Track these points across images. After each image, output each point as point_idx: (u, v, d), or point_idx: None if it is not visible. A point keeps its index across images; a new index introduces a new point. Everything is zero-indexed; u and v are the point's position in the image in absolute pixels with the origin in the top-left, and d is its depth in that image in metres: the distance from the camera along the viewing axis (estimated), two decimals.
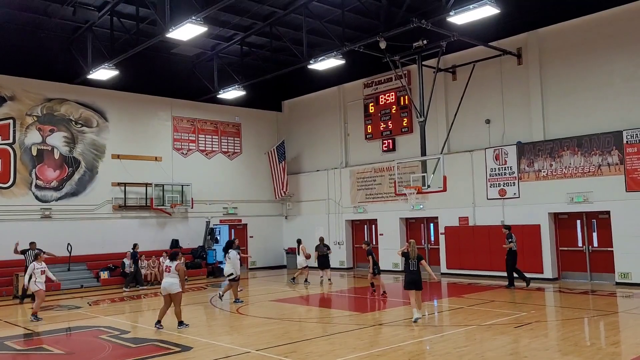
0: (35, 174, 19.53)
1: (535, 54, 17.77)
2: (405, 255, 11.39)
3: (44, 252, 15.70)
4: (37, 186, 19.53)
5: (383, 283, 15.30)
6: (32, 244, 16.31)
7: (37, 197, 19.50)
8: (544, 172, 17.29)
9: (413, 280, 11.16)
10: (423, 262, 11.35)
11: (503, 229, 16.28)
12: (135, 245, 19.58)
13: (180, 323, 11.10)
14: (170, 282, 11.01)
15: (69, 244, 19.15)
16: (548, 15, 17.45)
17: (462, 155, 19.31)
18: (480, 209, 18.82)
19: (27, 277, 12.87)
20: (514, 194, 17.96)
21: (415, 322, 10.80)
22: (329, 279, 18.51)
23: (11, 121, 19.20)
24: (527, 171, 17.69)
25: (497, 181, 18.41)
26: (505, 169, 18.22)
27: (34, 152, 19.59)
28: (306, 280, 18.50)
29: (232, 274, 14.60)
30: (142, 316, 13.92)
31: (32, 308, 13.07)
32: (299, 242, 19.26)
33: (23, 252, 16.35)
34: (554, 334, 9.89)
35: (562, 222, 17.42)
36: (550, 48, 17.53)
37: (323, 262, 18.52)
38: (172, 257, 11.26)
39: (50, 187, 19.81)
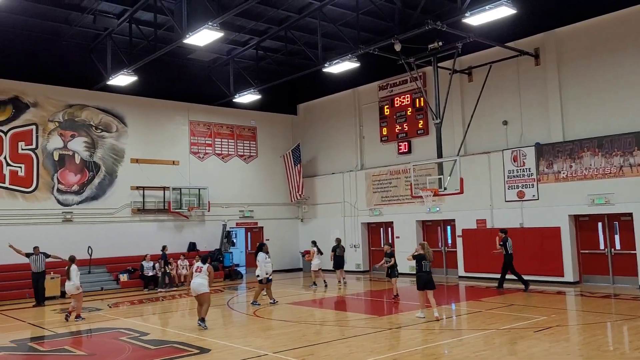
0: (57, 178, 19.87)
1: (553, 54, 17.59)
2: (420, 257, 11.74)
3: (51, 255, 16.07)
4: (58, 190, 19.86)
5: (397, 287, 15.11)
6: (36, 248, 16.56)
7: (58, 201, 19.84)
8: (563, 173, 17.09)
9: (428, 280, 11.71)
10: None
11: (500, 232, 16.17)
12: (164, 247, 20.15)
13: (202, 320, 11.45)
14: (200, 282, 11.53)
15: (89, 247, 19.45)
16: (565, 15, 17.27)
17: (479, 157, 19.18)
18: (498, 211, 18.66)
19: (77, 279, 13.32)
20: (533, 195, 17.78)
21: (419, 317, 11.62)
22: (344, 278, 18.65)
23: (34, 127, 19.58)
24: (546, 173, 17.50)
25: (516, 183, 18.25)
26: (523, 171, 18.05)
27: (56, 157, 19.93)
28: (321, 283, 18.51)
29: (258, 276, 14.74)
30: (161, 318, 14.06)
31: (71, 309, 13.34)
32: (314, 243, 19.31)
33: (28, 255, 16.45)
34: (575, 339, 9.77)
35: (583, 224, 17.18)
36: (568, 48, 17.34)
37: (338, 262, 18.62)
38: (204, 260, 11.88)
39: (71, 191, 20.13)
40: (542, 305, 13.15)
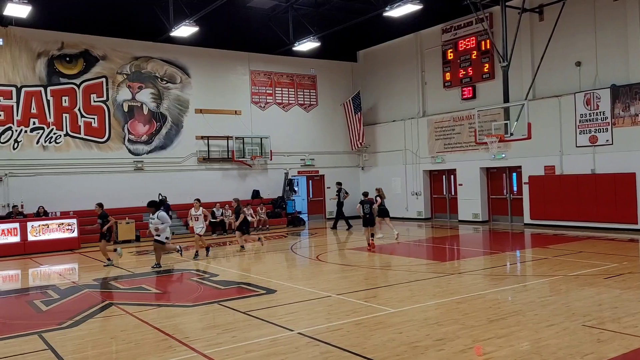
0: (128, 129, 20.74)
1: None
2: (364, 202, 15.11)
3: None
4: (129, 140, 20.77)
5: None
6: None
7: (130, 151, 20.79)
8: None
9: (369, 220, 15.01)
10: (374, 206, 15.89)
11: (336, 184, 21.22)
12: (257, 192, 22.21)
13: None
14: None
15: (160, 194, 20.35)
16: None
17: (549, 101, 18.32)
18: (568, 157, 17.92)
19: None
20: (607, 140, 16.91)
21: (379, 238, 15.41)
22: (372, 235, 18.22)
23: (104, 79, 20.36)
24: (622, 116, 16.53)
25: (588, 127, 17.37)
26: (597, 114, 17.13)
27: (125, 109, 20.75)
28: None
29: (167, 238, 13.55)
30: (229, 261, 14.69)
31: None
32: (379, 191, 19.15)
33: None
34: None
35: None
36: None
37: (382, 211, 18.29)
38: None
39: (141, 141, 21.00)
40: (613, 253, 12.72)
